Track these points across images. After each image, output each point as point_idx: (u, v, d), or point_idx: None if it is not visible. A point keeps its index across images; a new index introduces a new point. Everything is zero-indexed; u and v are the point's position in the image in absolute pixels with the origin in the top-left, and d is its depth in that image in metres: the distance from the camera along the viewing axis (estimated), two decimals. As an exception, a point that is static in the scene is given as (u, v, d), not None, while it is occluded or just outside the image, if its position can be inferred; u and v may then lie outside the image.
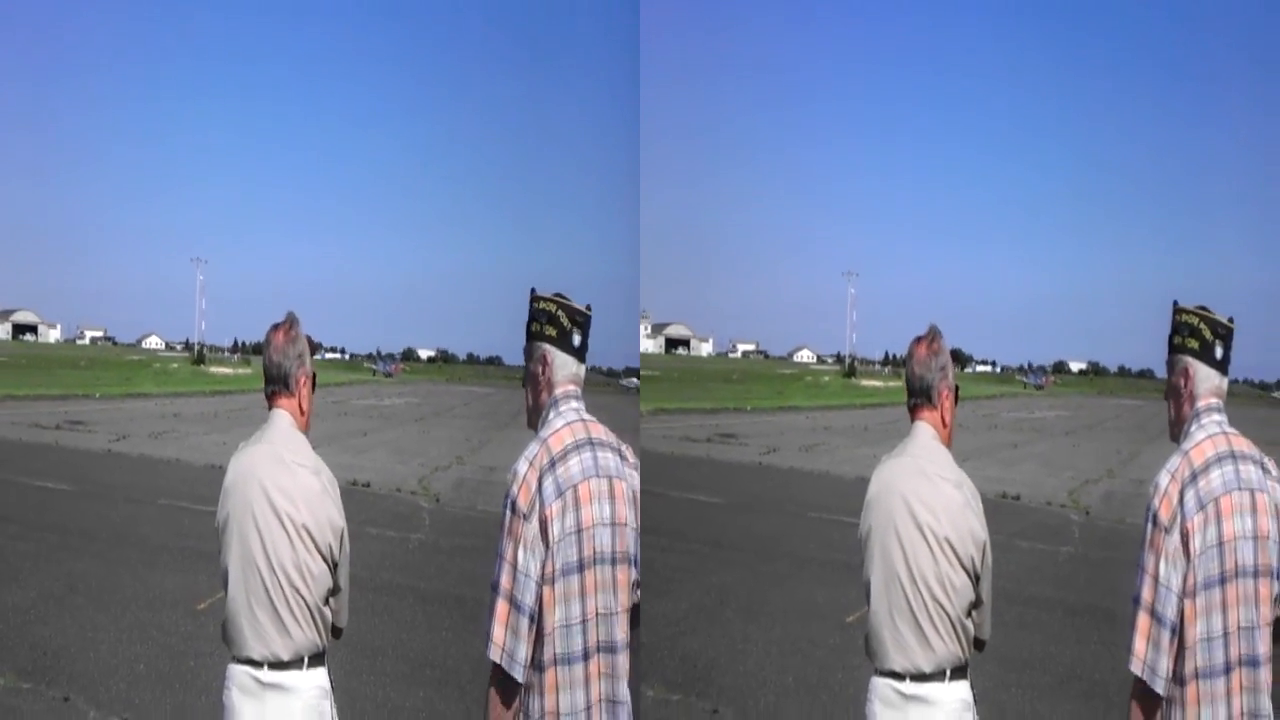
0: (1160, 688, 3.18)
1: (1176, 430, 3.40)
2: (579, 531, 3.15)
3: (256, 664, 3.47)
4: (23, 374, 38.96)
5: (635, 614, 3.32)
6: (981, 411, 42.47)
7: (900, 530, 3.51)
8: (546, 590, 3.11)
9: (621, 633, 3.21)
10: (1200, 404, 3.34)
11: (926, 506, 3.49)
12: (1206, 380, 3.36)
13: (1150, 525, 3.21)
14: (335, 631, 3.66)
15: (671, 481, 16.54)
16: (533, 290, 3.37)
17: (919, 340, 3.71)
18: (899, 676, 3.50)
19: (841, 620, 8.75)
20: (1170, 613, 3.16)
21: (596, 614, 3.16)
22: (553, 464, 3.15)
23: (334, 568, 3.54)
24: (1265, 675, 3.19)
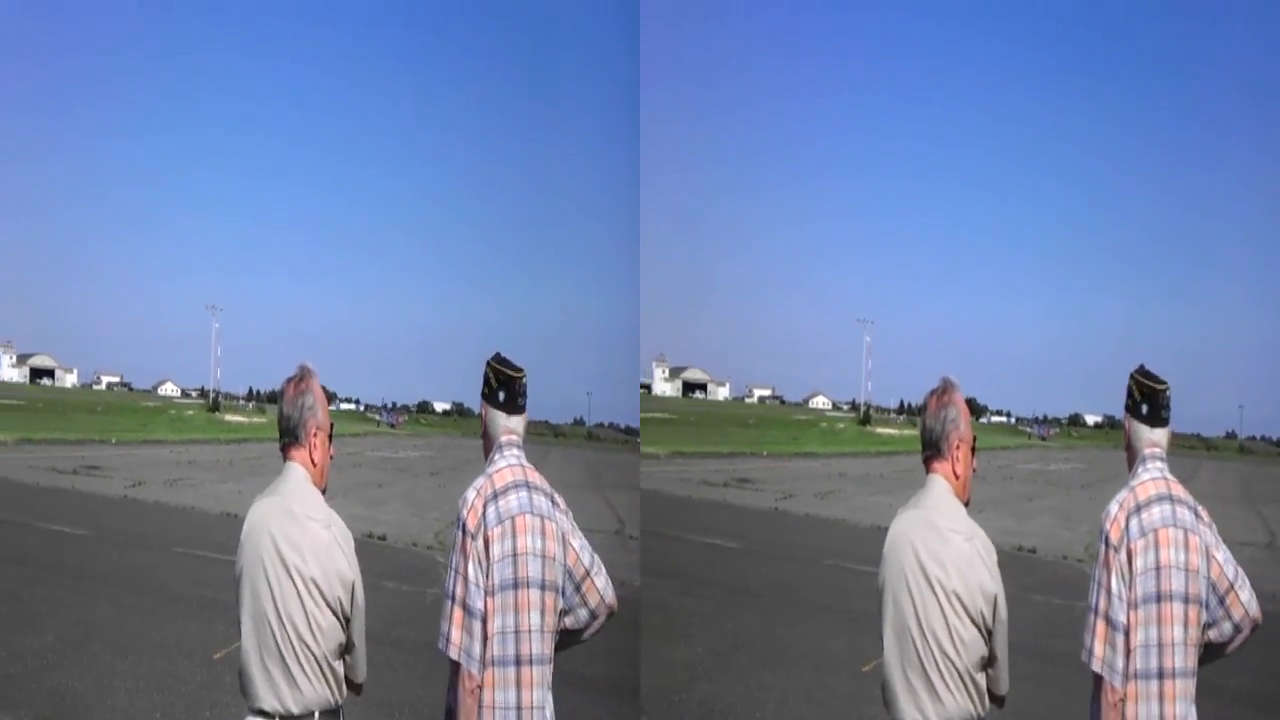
0: (1119, 683, 3.64)
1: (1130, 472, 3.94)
2: (514, 556, 3.64)
3: (269, 715, 3.49)
4: (40, 418, 39.13)
5: (568, 637, 3.80)
6: (996, 463, 42.28)
7: (910, 583, 3.56)
8: (488, 601, 3.62)
9: (548, 649, 3.68)
10: (1145, 452, 3.88)
11: (936, 560, 3.54)
12: (1139, 434, 3.90)
13: (1103, 546, 3.75)
14: (355, 687, 3.68)
15: (688, 525, 16.51)
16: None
17: (931, 393, 3.78)
18: None
19: (857, 669, 8.71)
20: (1122, 618, 3.67)
21: (529, 628, 3.63)
22: (495, 495, 3.68)
23: (345, 621, 3.55)
24: (1192, 687, 3.72)
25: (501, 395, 3.84)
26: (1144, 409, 3.91)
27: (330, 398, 3.85)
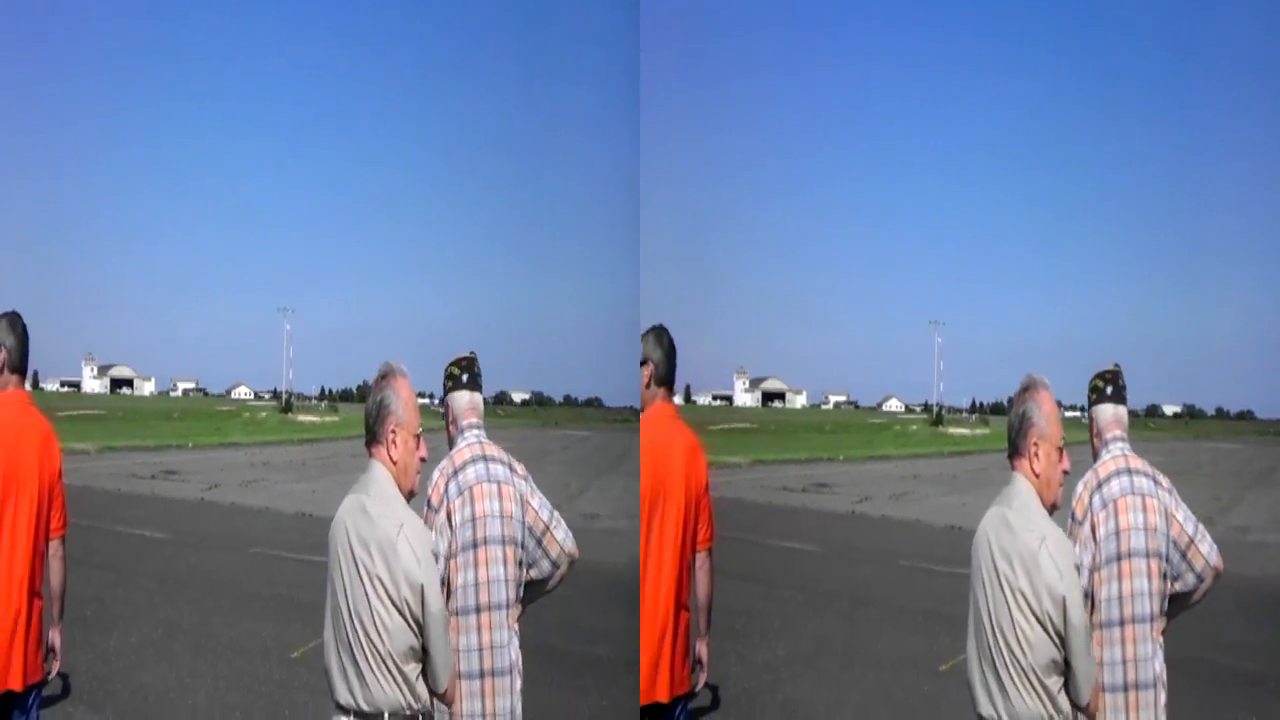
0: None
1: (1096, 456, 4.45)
2: (474, 520, 4.16)
3: (345, 710, 3.51)
4: (120, 426, 39.96)
5: (535, 587, 4.35)
6: (1071, 458, 41.59)
7: (985, 579, 3.62)
8: (450, 564, 4.13)
9: (510, 595, 4.22)
10: (1107, 435, 4.40)
11: (1005, 556, 3.58)
12: (1103, 418, 4.44)
13: (1070, 522, 4.27)
14: (441, 697, 3.66)
15: (769, 530, 16.54)
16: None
17: (1022, 391, 3.82)
18: None
19: (934, 669, 8.59)
20: (1084, 582, 4.06)
21: (488, 580, 4.15)
22: (455, 472, 4.20)
23: (416, 625, 3.51)
24: (1156, 631, 4.21)
25: (465, 377, 4.37)
26: (1109, 390, 4.43)
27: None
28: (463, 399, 4.34)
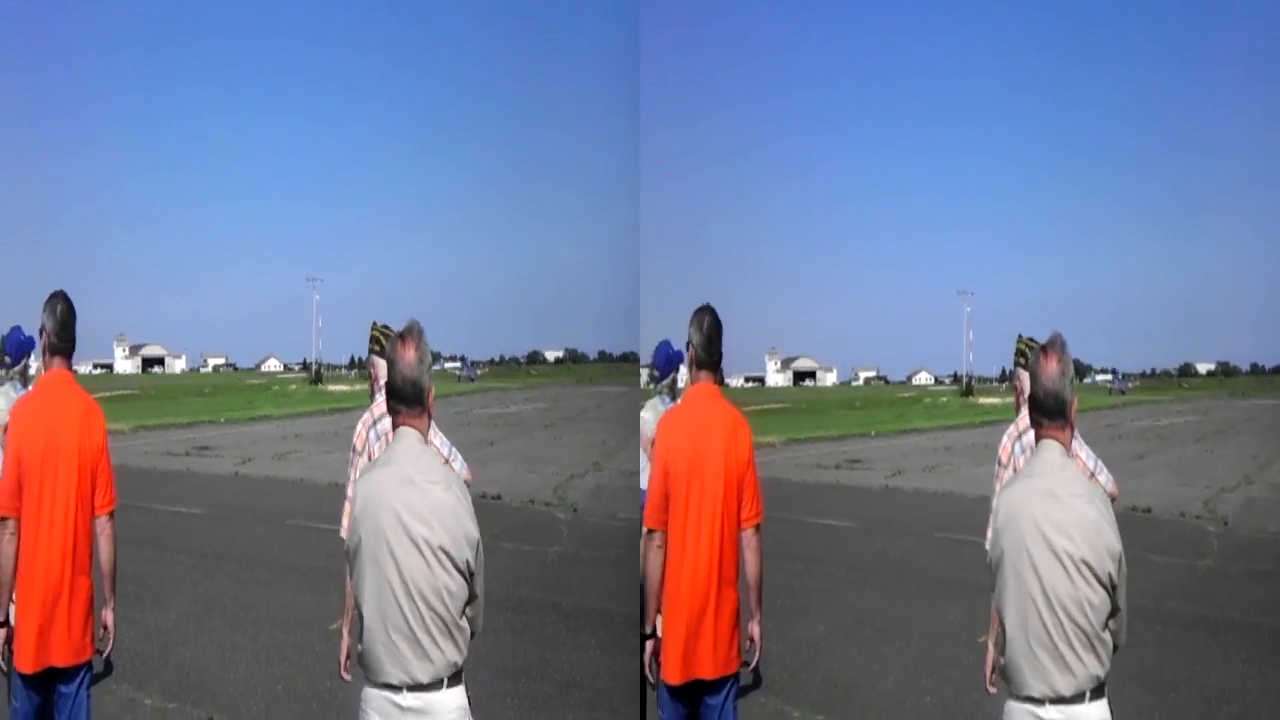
0: None
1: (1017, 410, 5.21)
2: None
3: (395, 688, 3.45)
4: (153, 404, 40.27)
5: None
6: (1104, 421, 41.34)
7: (1034, 556, 3.41)
8: None
9: None
10: (1027, 394, 4.44)
11: (1061, 530, 3.39)
12: (1024, 378, 4.95)
13: (996, 466, 5.15)
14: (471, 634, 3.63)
15: (805, 508, 16.49)
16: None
17: (1046, 353, 3.53)
18: (1038, 702, 3.42)
19: (973, 640, 8.55)
20: None
21: None
22: (375, 422, 4.95)
23: (470, 578, 3.50)
24: None
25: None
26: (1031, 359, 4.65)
27: (436, 357, 3.98)
28: (383, 363, 4.60)
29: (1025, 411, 4.55)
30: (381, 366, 5.01)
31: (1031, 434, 3.96)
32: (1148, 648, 8.47)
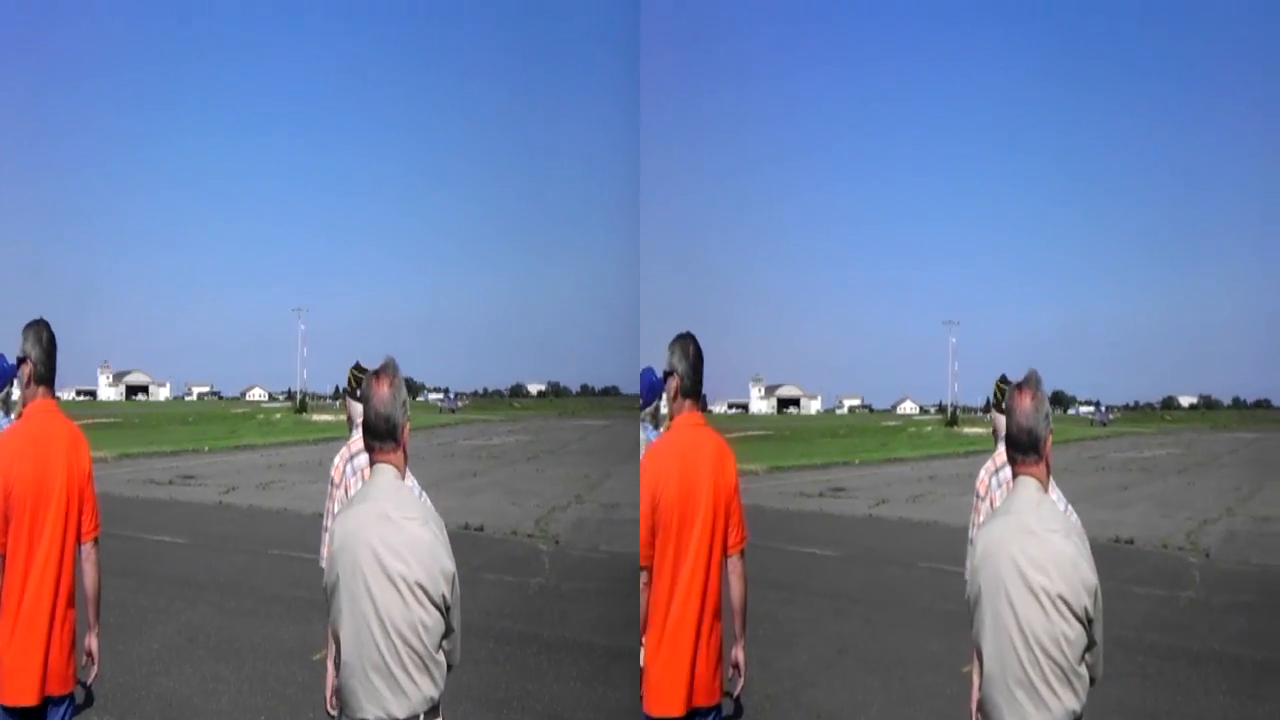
0: None
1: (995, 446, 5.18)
2: None
3: None
4: (136, 433, 40.11)
5: None
6: (1088, 453, 41.48)
7: (1011, 594, 3.44)
8: None
9: None
10: (1003, 433, 4.47)
11: (1037, 566, 3.41)
12: (1000, 419, 5.15)
13: (975, 499, 5.18)
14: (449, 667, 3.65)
15: (788, 536, 16.50)
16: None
17: (1020, 390, 3.55)
18: None
19: (956, 670, 8.56)
20: None
21: None
22: (352, 456, 5.06)
23: (446, 612, 3.52)
24: None
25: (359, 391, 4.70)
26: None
27: (419, 389, 3.94)
28: (357, 407, 5.03)
29: (1001, 450, 4.80)
30: (357, 409, 5.04)
31: (1008, 469, 3.99)
32: (1130, 679, 8.51)
